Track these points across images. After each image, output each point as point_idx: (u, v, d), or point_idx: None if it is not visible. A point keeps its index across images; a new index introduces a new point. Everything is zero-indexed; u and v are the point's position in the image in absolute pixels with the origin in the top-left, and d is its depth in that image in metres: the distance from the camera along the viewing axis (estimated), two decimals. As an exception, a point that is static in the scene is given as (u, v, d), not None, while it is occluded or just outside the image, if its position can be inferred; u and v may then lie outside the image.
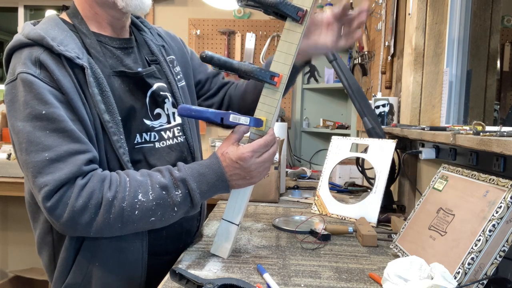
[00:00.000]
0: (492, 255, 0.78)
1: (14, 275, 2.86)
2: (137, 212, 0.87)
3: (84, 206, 0.84)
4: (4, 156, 2.49)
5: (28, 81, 0.88)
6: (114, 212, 0.86)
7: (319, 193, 1.55)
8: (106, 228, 0.86)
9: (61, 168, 0.84)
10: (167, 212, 0.90)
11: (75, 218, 0.84)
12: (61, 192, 0.84)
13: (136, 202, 0.87)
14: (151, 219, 0.89)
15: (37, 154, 0.84)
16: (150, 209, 0.88)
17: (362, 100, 1.59)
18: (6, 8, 3.61)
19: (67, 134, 0.87)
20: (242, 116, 0.94)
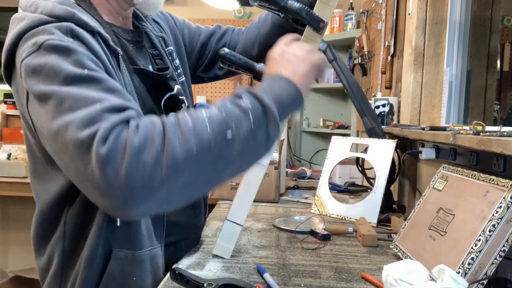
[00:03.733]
0: (492, 255, 0.78)
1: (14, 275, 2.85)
2: (208, 127, 0.67)
3: (144, 139, 0.64)
4: (4, 156, 2.49)
5: (62, 46, 0.71)
6: (182, 133, 0.66)
7: (319, 193, 1.55)
8: (179, 160, 0.64)
9: (114, 117, 0.66)
10: (242, 122, 0.70)
11: (139, 158, 0.62)
12: (116, 133, 0.64)
13: (203, 117, 0.68)
14: (227, 131, 0.68)
15: (86, 108, 0.66)
16: (221, 121, 0.69)
17: (362, 100, 1.59)
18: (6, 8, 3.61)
19: (118, 92, 0.71)
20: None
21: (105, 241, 0.82)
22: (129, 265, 0.84)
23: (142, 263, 0.86)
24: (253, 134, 0.71)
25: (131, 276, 0.84)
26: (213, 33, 1.21)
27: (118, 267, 0.83)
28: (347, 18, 2.76)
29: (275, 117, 0.73)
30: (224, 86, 3.37)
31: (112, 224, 0.82)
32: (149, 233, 0.89)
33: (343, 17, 2.79)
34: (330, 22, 2.84)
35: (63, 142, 0.66)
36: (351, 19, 2.73)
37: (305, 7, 0.90)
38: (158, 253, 0.91)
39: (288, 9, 0.90)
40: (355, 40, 2.65)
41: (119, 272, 0.83)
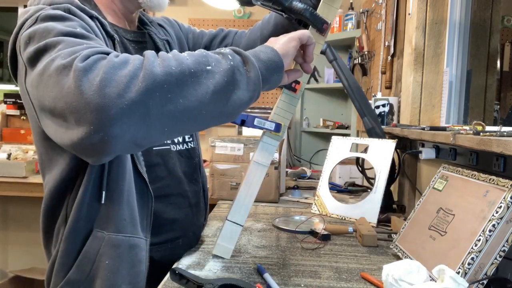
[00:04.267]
0: (492, 255, 0.78)
1: (14, 275, 2.86)
2: (187, 58, 0.69)
3: (124, 60, 0.65)
4: (4, 156, 2.49)
5: (57, 15, 0.75)
6: (161, 58, 0.67)
7: (319, 193, 1.55)
8: (157, 75, 0.64)
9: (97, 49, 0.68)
10: (221, 61, 0.72)
11: (115, 73, 0.63)
12: (97, 56, 0.65)
13: (183, 56, 0.70)
14: (207, 67, 0.69)
15: (74, 46, 0.68)
16: (200, 56, 0.71)
17: (362, 100, 1.59)
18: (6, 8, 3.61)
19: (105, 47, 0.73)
20: (267, 121, 0.94)
21: (87, 219, 0.84)
22: (104, 247, 0.84)
23: (118, 248, 0.85)
24: (232, 72, 0.72)
25: (104, 258, 0.84)
26: (215, 35, 1.23)
27: (94, 247, 0.84)
28: (347, 18, 2.76)
29: (254, 66, 0.75)
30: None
31: (95, 202, 0.84)
32: (133, 221, 0.88)
33: (343, 17, 2.79)
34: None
35: (48, 74, 0.66)
36: (351, 19, 2.73)
37: (309, 8, 0.90)
38: (141, 245, 0.89)
39: (292, 10, 0.90)
40: (355, 40, 2.65)
41: (94, 252, 0.84)
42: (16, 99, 3.13)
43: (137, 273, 0.89)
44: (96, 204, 0.84)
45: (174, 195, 1.01)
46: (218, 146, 1.70)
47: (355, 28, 2.72)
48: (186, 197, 1.05)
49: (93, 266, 0.84)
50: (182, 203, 1.04)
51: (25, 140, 3.09)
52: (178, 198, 1.03)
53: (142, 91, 0.62)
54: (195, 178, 1.08)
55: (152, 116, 0.64)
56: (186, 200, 1.05)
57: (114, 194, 0.85)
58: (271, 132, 0.96)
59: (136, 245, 0.88)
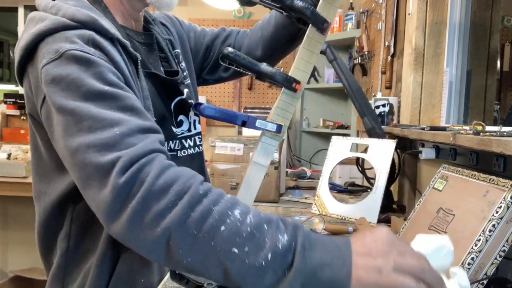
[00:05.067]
0: (492, 255, 0.78)
1: (14, 275, 2.86)
2: (223, 228, 0.60)
3: (164, 187, 0.62)
4: (4, 156, 2.49)
5: (84, 58, 0.71)
6: (199, 210, 0.61)
7: (319, 193, 1.55)
8: (178, 229, 0.61)
9: (135, 143, 0.66)
10: (257, 254, 0.59)
11: (149, 202, 0.61)
12: (139, 165, 0.63)
13: (230, 215, 0.62)
14: (233, 249, 0.59)
15: (104, 130, 0.66)
16: (240, 235, 0.60)
17: (362, 100, 1.59)
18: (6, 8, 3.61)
19: (137, 112, 0.71)
20: (269, 123, 0.94)
21: (115, 243, 0.82)
22: (137, 266, 0.84)
23: (151, 265, 0.86)
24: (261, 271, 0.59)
25: (140, 276, 0.84)
26: (217, 35, 1.21)
27: (127, 267, 0.84)
28: (347, 18, 2.76)
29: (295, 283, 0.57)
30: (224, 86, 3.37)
31: None
32: None
33: (343, 17, 2.79)
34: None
35: (82, 161, 0.66)
36: (351, 19, 2.73)
37: (310, 6, 0.89)
38: None
39: (292, 8, 0.90)
40: (355, 40, 2.66)
41: (128, 272, 0.84)
42: (16, 99, 3.13)
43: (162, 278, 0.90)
44: None
45: None
46: (218, 146, 1.70)
47: (355, 28, 2.72)
48: None
49: (128, 286, 0.84)
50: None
51: (25, 140, 3.09)
52: None
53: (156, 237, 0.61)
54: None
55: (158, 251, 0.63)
56: None
57: None
58: (271, 132, 0.95)
59: None
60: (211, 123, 3.27)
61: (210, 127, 3.28)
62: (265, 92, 3.35)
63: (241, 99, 3.36)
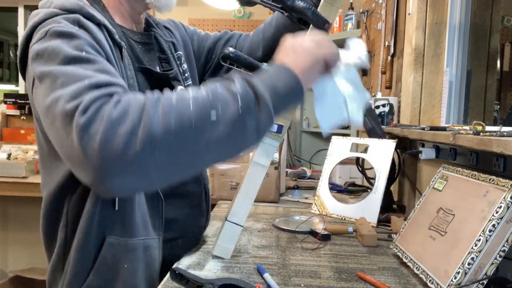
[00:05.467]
0: (492, 255, 0.78)
1: (14, 275, 2.85)
2: (191, 107, 0.66)
3: (123, 112, 0.64)
4: (4, 156, 2.49)
5: (66, 32, 0.75)
6: (163, 108, 0.65)
7: (319, 193, 1.55)
8: (156, 133, 0.63)
9: (99, 91, 0.68)
10: (229, 104, 0.67)
11: (114, 129, 0.63)
12: (97, 105, 0.65)
13: (187, 97, 0.67)
14: (211, 117, 0.65)
15: (75, 84, 0.68)
16: (206, 103, 0.66)
17: (362, 100, 1.59)
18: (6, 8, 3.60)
19: (109, 73, 0.73)
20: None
21: (99, 227, 0.84)
22: (122, 252, 0.86)
23: (135, 251, 0.87)
24: (241, 119, 0.68)
25: (123, 262, 0.86)
26: (220, 38, 1.24)
27: (111, 253, 0.85)
28: (347, 18, 2.76)
29: (267, 105, 0.69)
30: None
31: (107, 210, 0.84)
32: (145, 223, 0.90)
33: (343, 17, 2.79)
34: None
35: (53, 115, 0.69)
36: (351, 19, 2.73)
37: (311, 7, 0.90)
38: (154, 244, 0.92)
39: (294, 8, 0.90)
40: (355, 40, 2.65)
41: (111, 258, 0.85)
42: (16, 99, 3.13)
43: (153, 271, 0.92)
44: (108, 212, 0.85)
45: (174, 196, 1.02)
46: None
47: (355, 28, 2.72)
48: (187, 198, 1.05)
49: (112, 271, 0.85)
50: (183, 203, 1.04)
51: (25, 140, 3.09)
52: (178, 198, 1.03)
53: (140, 151, 0.62)
54: (198, 179, 1.09)
55: (152, 171, 0.65)
56: (187, 201, 1.05)
57: (126, 200, 0.86)
58: (271, 133, 0.95)
59: (150, 246, 0.91)
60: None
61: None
62: (265, 92, 3.35)
63: (241, 99, 3.37)
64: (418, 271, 0.91)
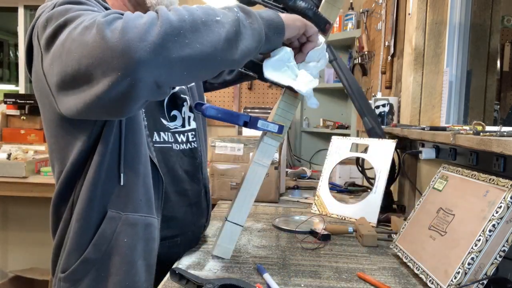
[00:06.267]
0: (492, 255, 0.78)
1: (14, 275, 2.85)
2: (197, 9, 0.75)
3: (140, 14, 0.70)
4: (4, 156, 2.49)
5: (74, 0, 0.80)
6: (174, 11, 0.72)
7: (319, 193, 1.55)
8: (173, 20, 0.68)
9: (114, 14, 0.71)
10: (228, 14, 0.77)
11: (134, 21, 0.67)
12: (116, 15, 0.70)
13: (193, 8, 0.76)
14: (216, 18, 0.74)
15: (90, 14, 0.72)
16: (209, 9, 0.76)
17: (362, 100, 1.59)
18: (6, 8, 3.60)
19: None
20: (270, 123, 0.95)
21: (101, 200, 0.85)
22: (121, 226, 0.86)
23: (135, 226, 0.88)
24: (238, 23, 0.76)
25: (123, 237, 0.87)
26: None
27: (111, 226, 0.86)
28: (347, 18, 2.76)
29: (256, 17, 0.79)
30: (224, 86, 3.37)
31: (110, 183, 0.85)
32: (148, 202, 0.91)
33: (343, 17, 2.79)
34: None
35: (71, 40, 0.69)
36: (351, 19, 2.73)
37: (312, 7, 0.90)
38: (155, 224, 0.92)
39: (295, 9, 0.90)
40: (355, 40, 2.66)
41: (112, 232, 0.86)
42: (16, 99, 3.13)
43: (151, 250, 0.92)
44: (111, 186, 0.86)
45: (173, 193, 1.02)
46: (218, 146, 1.70)
47: (355, 28, 2.72)
48: (186, 196, 1.05)
49: (110, 245, 0.86)
50: (181, 201, 1.04)
51: (25, 140, 3.09)
52: (177, 196, 1.03)
53: (162, 35, 0.66)
54: (197, 178, 1.09)
55: (173, 59, 0.68)
56: (186, 199, 1.06)
57: (131, 176, 0.87)
58: (272, 133, 0.96)
59: (151, 224, 0.91)
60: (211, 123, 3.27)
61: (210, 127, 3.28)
62: (265, 92, 3.35)
63: (241, 99, 3.36)
64: (418, 271, 0.91)
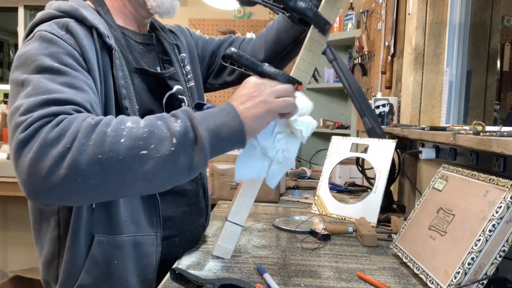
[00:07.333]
0: (492, 255, 0.78)
1: (14, 275, 2.85)
2: (123, 140, 0.68)
3: (59, 135, 0.66)
4: (4, 156, 2.49)
5: (47, 37, 0.78)
6: (94, 137, 0.67)
7: (319, 193, 1.55)
8: (81, 163, 0.65)
9: (52, 108, 0.69)
10: (164, 144, 0.69)
11: (46, 150, 0.65)
12: (39, 124, 0.67)
13: (123, 128, 0.69)
14: (141, 152, 0.67)
15: (37, 97, 0.70)
16: (140, 137, 0.68)
17: (362, 100, 1.59)
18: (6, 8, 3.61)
19: (80, 90, 0.75)
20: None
21: (87, 227, 0.86)
22: (110, 250, 0.87)
23: (123, 248, 0.88)
24: (173, 156, 0.70)
25: (113, 259, 0.87)
26: (223, 42, 1.26)
27: (100, 251, 0.86)
28: (347, 18, 2.76)
29: (204, 149, 0.72)
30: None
31: (91, 210, 0.86)
32: (135, 220, 0.91)
33: (343, 17, 2.79)
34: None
35: (9, 123, 0.72)
36: (351, 19, 2.73)
37: (312, 7, 0.90)
38: (146, 241, 0.92)
39: (295, 9, 0.90)
40: (355, 40, 2.65)
41: (101, 256, 0.87)
42: (16, 99, 3.13)
43: (145, 265, 0.92)
44: (91, 211, 0.86)
45: (171, 193, 1.02)
46: (218, 146, 1.70)
47: (355, 28, 2.72)
48: (184, 196, 1.05)
49: (102, 268, 0.87)
50: (180, 201, 1.04)
51: (25, 140, 3.09)
52: (175, 196, 1.03)
53: (63, 179, 0.65)
54: (195, 177, 1.09)
55: (75, 195, 0.68)
56: (184, 199, 1.05)
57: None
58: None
59: (141, 242, 0.91)
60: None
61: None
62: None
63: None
64: (418, 271, 0.91)
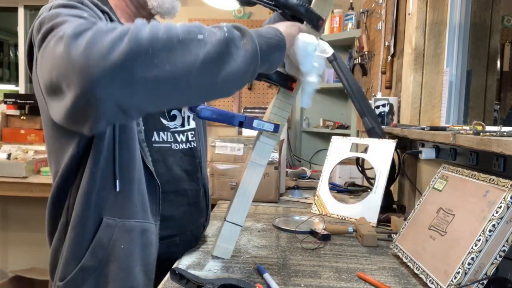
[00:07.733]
0: (492, 255, 0.78)
1: (14, 275, 2.85)
2: (178, 27, 0.69)
3: (112, 27, 0.66)
4: (4, 156, 2.49)
5: (69, 4, 0.79)
6: (150, 26, 0.67)
7: (319, 193, 1.55)
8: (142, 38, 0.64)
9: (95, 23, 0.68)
10: (215, 33, 0.71)
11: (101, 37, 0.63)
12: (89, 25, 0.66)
13: (174, 25, 0.70)
14: (198, 36, 0.69)
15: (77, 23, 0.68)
16: (194, 26, 0.70)
17: (362, 100, 1.59)
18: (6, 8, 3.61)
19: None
20: (266, 123, 0.95)
21: (96, 208, 0.85)
22: (118, 233, 0.87)
23: (131, 232, 0.88)
24: (226, 43, 0.70)
25: (119, 243, 0.87)
26: None
27: (107, 233, 0.86)
28: (347, 18, 2.76)
29: (252, 37, 0.74)
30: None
31: (105, 191, 0.85)
32: (144, 207, 0.91)
33: (343, 17, 2.79)
34: (330, 21, 2.84)
35: (47, 50, 0.69)
36: (351, 19, 2.73)
37: (304, 3, 0.90)
38: (152, 229, 0.93)
39: (287, 5, 0.90)
40: (355, 40, 2.65)
41: (107, 238, 0.86)
42: (16, 99, 3.13)
43: (149, 255, 0.92)
44: (106, 193, 0.86)
45: (172, 193, 1.02)
46: (218, 146, 1.70)
47: (355, 28, 2.72)
48: (184, 196, 1.05)
49: (107, 252, 0.86)
50: (180, 201, 1.05)
51: (25, 140, 3.09)
52: (175, 195, 1.03)
53: (125, 54, 0.62)
54: (196, 177, 1.09)
55: (136, 80, 0.63)
56: (185, 198, 1.06)
57: (126, 182, 0.87)
58: (268, 132, 0.96)
59: (147, 229, 0.91)
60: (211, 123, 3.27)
61: (210, 127, 3.28)
62: (265, 92, 3.35)
63: (241, 99, 3.36)
64: (418, 271, 0.91)
